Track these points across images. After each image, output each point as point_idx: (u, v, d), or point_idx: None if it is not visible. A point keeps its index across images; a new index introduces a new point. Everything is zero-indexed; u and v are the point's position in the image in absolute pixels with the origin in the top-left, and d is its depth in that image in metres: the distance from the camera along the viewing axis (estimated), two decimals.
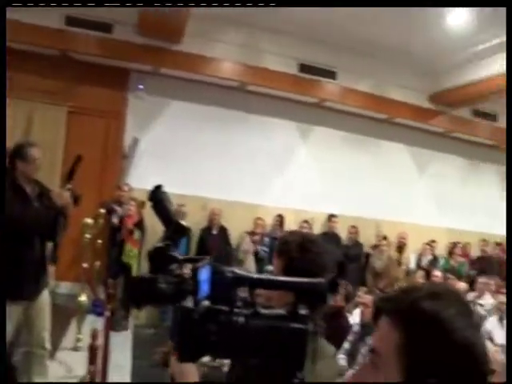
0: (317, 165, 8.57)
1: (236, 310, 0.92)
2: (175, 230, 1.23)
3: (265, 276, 1.03)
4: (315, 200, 8.38)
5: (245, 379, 1.32)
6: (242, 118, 8.05)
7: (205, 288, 0.95)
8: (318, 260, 1.52)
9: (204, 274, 0.96)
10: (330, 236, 8.22)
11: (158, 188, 1.24)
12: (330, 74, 7.94)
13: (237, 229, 7.76)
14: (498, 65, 7.07)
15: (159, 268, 1.14)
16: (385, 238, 8.10)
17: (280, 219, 7.97)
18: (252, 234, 7.37)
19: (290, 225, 7.87)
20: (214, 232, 7.56)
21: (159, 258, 1.19)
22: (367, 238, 8.62)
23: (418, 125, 9.03)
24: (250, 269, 6.60)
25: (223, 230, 7.62)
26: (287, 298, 0.97)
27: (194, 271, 0.96)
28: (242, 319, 0.91)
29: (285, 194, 8.22)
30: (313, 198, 8.36)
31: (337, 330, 3.97)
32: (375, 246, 8.28)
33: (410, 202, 9.19)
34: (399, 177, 9.17)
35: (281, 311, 0.94)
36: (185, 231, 1.32)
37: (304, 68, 7.76)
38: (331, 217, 8.40)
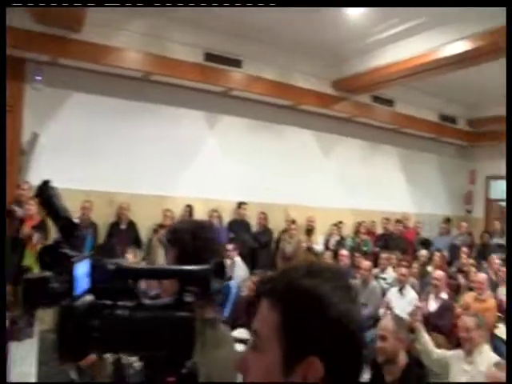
0: (225, 153, 8.58)
1: (120, 303, 0.89)
2: (64, 226, 1.17)
3: (147, 266, 1.00)
4: (224, 188, 8.39)
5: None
6: (147, 108, 7.84)
7: (83, 283, 0.90)
8: (210, 246, 1.51)
9: (83, 268, 0.91)
10: (240, 223, 8.30)
11: (45, 183, 1.17)
12: (236, 63, 7.95)
13: (146, 222, 7.61)
14: (395, 53, 7.47)
15: (50, 266, 1.08)
16: (293, 222, 8.30)
17: (189, 209, 7.90)
18: (161, 226, 7.24)
19: (200, 214, 7.84)
20: (123, 227, 7.36)
21: (50, 257, 1.12)
22: (277, 224, 8.77)
23: (322, 110, 9.30)
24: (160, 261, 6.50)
25: (132, 225, 7.43)
26: (175, 286, 0.95)
27: (70, 266, 0.91)
28: (125, 312, 0.89)
29: (193, 184, 8.15)
30: (222, 186, 8.37)
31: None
32: (284, 231, 8.46)
33: (317, 185, 9.46)
34: (305, 161, 9.43)
35: (166, 301, 0.92)
36: (75, 227, 1.26)
37: (210, 57, 7.70)
38: (240, 204, 8.45)
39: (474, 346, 3.58)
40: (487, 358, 3.45)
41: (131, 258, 5.89)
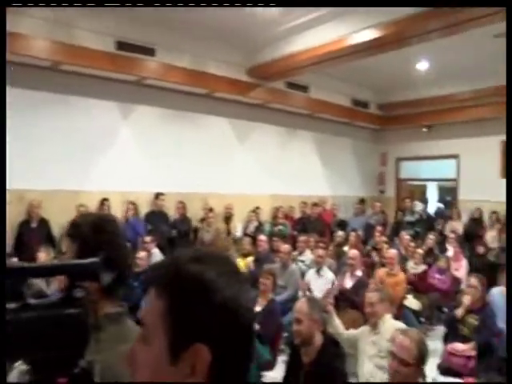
0: (140, 144, 8.40)
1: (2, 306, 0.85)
2: None
3: (30, 264, 0.95)
4: (141, 180, 8.23)
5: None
6: (57, 99, 7.49)
7: None
8: (112, 239, 1.47)
9: None
10: (158, 214, 8.19)
11: None
12: (149, 51, 7.75)
13: (59, 219, 7.27)
14: (307, 40, 7.61)
15: None
16: (211, 210, 8.31)
17: (105, 203, 7.65)
18: None
19: (117, 208, 7.65)
20: (34, 225, 7.02)
21: None
22: (196, 213, 8.75)
23: (238, 98, 9.32)
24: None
25: (44, 222, 7.11)
26: (66, 282, 0.92)
27: None
28: (9, 315, 0.84)
29: (109, 177, 7.91)
30: (138, 178, 8.20)
31: None
32: (203, 220, 8.46)
33: (234, 173, 9.53)
34: (222, 149, 9.45)
35: (53, 298, 0.89)
36: None
37: (122, 45, 7.44)
38: (158, 195, 8.32)
39: (379, 319, 3.76)
40: (391, 327, 3.64)
41: (44, 257, 5.65)
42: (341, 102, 10.90)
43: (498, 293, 5.40)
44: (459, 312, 4.67)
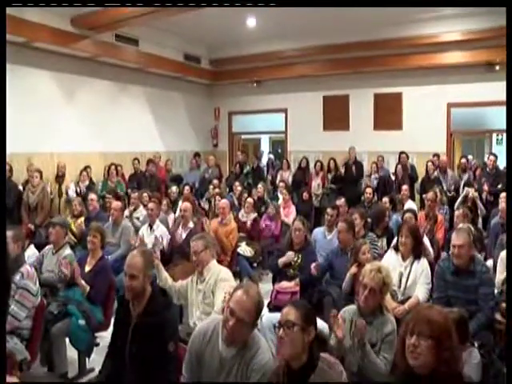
0: None
1: None
2: None
3: None
4: None
5: None
6: None
7: None
8: None
9: None
10: None
11: None
12: None
13: None
14: None
15: None
16: (38, 171, 7.67)
17: None
18: None
19: None
20: None
21: None
22: (22, 174, 8.02)
23: (63, 50, 8.64)
24: None
25: None
26: None
27: None
28: None
29: None
30: None
31: None
32: (27, 181, 7.78)
33: (62, 130, 8.94)
34: (47, 106, 8.71)
35: None
36: None
37: None
38: None
39: (204, 267, 3.88)
40: (215, 274, 3.80)
41: None
42: (172, 57, 10.72)
43: (319, 232, 5.92)
44: (282, 260, 4.92)
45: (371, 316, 3.03)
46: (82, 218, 6.52)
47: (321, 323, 3.08)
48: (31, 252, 4.84)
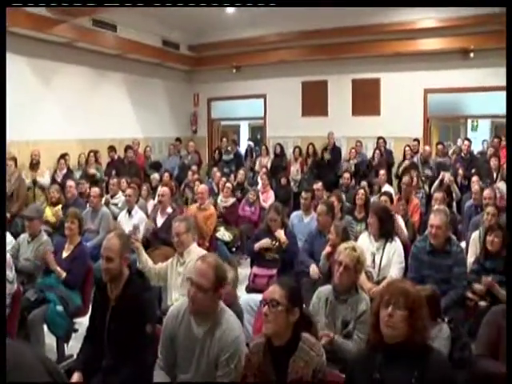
0: None
1: None
2: None
3: None
4: None
5: None
6: None
7: None
8: None
9: None
10: None
11: None
12: None
13: None
14: None
15: None
16: (13, 158, 7.56)
17: None
18: None
19: None
20: None
21: None
22: None
23: (39, 35, 8.47)
24: None
25: None
26: None
27: None
28: None
29: None
30: None
31: None
32: None
33: (39, 117, 8.79)
34: (23, 92, 8.52)
35: None
36: None
37: None
38: None
39: (185, 249, 3.91)
40: (195, 257, 3.81)
41: None
42: (151, 43, 10.60)
43: (296, 216, 5.99)
44: (257, 245, 4.98)
45: (346, 294, 3.08)
46: (60, 206, 6.46)
47: None
48: (8, 240, 4.79)
